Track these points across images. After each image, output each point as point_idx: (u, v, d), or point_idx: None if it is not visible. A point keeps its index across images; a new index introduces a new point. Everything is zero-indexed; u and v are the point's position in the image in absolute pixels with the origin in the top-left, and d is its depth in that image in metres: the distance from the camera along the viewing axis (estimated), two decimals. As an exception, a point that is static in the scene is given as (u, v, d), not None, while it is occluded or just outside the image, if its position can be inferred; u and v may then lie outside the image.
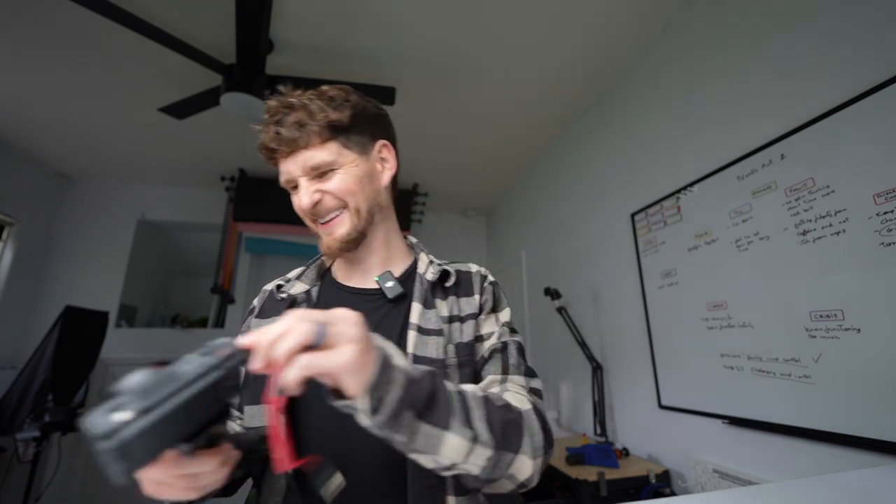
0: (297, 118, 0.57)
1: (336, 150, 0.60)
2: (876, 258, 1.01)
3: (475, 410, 0.45)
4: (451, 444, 0.41)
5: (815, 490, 0.59)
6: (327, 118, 0.58)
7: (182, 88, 2.11)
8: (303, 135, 0.58)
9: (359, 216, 0.62)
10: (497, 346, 0.61)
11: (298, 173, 0.60)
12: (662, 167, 1.80)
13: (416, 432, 0.40)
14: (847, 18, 1.13)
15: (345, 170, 0.60)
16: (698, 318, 1.54)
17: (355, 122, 0.61)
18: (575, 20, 1.80)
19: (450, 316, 0.62)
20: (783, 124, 1.27)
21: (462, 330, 0.61)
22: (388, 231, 0.68)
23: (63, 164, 3.05)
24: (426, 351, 0.56)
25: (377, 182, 0.65)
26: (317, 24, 1.81)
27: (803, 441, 1.17)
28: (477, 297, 0.64)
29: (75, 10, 1.57)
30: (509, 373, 0.58)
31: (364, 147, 0.63)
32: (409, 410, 0.39)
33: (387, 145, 0.67)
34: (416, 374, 0.41)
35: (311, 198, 0.59)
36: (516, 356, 0.60)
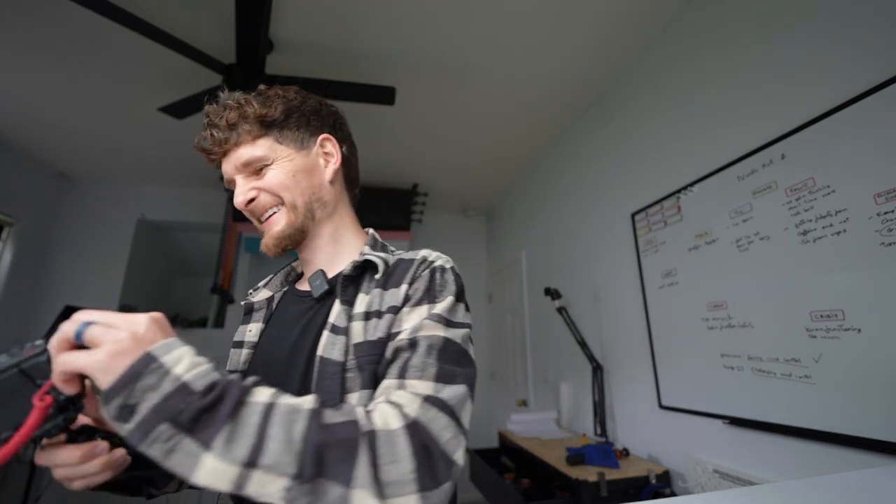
0: (229, 118, 0.58)
1: (268, 146, 0.59)
2: (876, 258, 1.01)
3: (274, 428, 0.35)
4: (208, 467, 0.32)
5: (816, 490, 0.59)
6: (256, 114, 0.58)
7: (182, 88, 2.11)
8: (233, 134, 0.58)
9: (295, 212, 0.60)
10: (403, 343, 0.48)
11: (234, 172, 0.60)
12: (662, 167, 1.80)
13: (174, 450, 0.33)
14: (847, 18, 1.13)
15: (278, 164, 0.60)
16: (698, 318, 1.54)
17: (289, 116, 0.61)
18: (575, 20, 1.80)
19: (366, 312, 0.54)
20: (783, 124, 1.27)
21: (376, 326, 0.52)
22: (336, 228, 0.65)
23: (63, 164, 3.05)
24: (332, 353, 0.50)
25: (318, 177, 0.63)
26: (317, 24, 1.81)
27: (804, 441, 1.16)
28: (404, 288, 0.54)
29: (75, 10, 1.57)
30: (406, 376, 0.45)
31: (302, 142, 0.62)
32: (168, 423, 0.32)
33: (329, 139, 0.65)
34: (198, 385, 0.35)
35: (245, 195, 0.59)
36: (424, 356, 0.47)
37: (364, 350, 0.51)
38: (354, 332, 0.52)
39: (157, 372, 0.34)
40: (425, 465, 0.37)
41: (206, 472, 0.33)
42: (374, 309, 0.54)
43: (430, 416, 0.41)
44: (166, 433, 0.32)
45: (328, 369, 0.50)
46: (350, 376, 0.49)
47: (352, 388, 0.49)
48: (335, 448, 0.36)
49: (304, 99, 0.64)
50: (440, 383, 0.45)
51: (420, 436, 0.39)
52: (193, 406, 0.34)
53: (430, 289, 0.54)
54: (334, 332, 0.52)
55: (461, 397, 0.45)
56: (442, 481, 0.38)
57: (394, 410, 0.41)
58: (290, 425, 0.36)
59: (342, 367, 0.50)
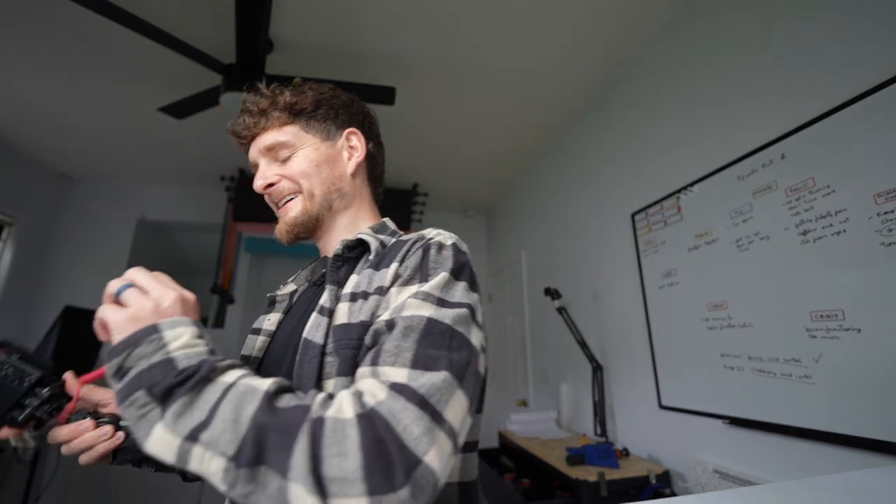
0: (261, 105, 0.61)
1: (293, 133, 0.61)
2: (877, 258, 1.01)
3: (225, 406, 0.34)
4: (157, 435, 0.34)
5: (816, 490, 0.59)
6: (287, 100, 0.60)
7: (182, 88, 2.11)
8: (262, 119, 0.61)
9: (312, 200, 0.61)
10: (381, 326, 0.43)
11: (258, 155, 0.62)
12: (662, 167, 1.80)
13: (143, 417, 0.35)
14: (847, 18, 1.13)
15: (302, 152, 0.61)
16: (698, 318, 1.54)
17: (319, 107, 0.62)
18: (575, 21, 1.80)
19: (353, 293, 0.50)
20: (783, 124, 1.27)
21: (361, 309, 0.48)
22: (353, 220, 0.65)
23: (63, 164, 3.05)
24: (315, 335, 0.48)
25: (339, 168, 0.64)
26: (317, 24, 1.81)
27: (804, 441, 1.16)
28: (394, 266, 0.49)
29: (76, 10, 1.57)
30: (379, 363, 0.39)
31: (328, 133, 0.63)
32: (143, 391, 0.35)
33: (355, 132, 0.66)
34: (183, 363, 0.36)
35: (264, 179, 0.61)
36: (399, 339, 0.41)
37: (341, 333, 0.47)
38: (338, 313, 0.49)
39: (153, 343, 0.38)
40: (377, 464, 0.31)
41: (154, 440, 0.34)
42: (360, 290, 0.50)
43: (393, 408, 0.35)
44: (141, 400, 0.35)
45: (308, 352, 0.47)
46: (329, 360, 0.46)
47: (329, 374, 0.46)
48: (274, 432, 0.32)
49: (337, 94, 0.65)
50: (416, 370, 0.38)
51: (375, 429, 0.33)
52: (168, 380, 0.35)
53: (422, 266, 0.48)
54: (320, 312, 0.50)
55: (440, 385, 0.37)
56: (398, 486, 0.31)
57: (352, 398, 0.36)
58: (241, 405, 0.34)
59: (321, 350, 0.47)
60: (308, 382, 0.45)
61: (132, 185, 3.38)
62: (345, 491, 0.30)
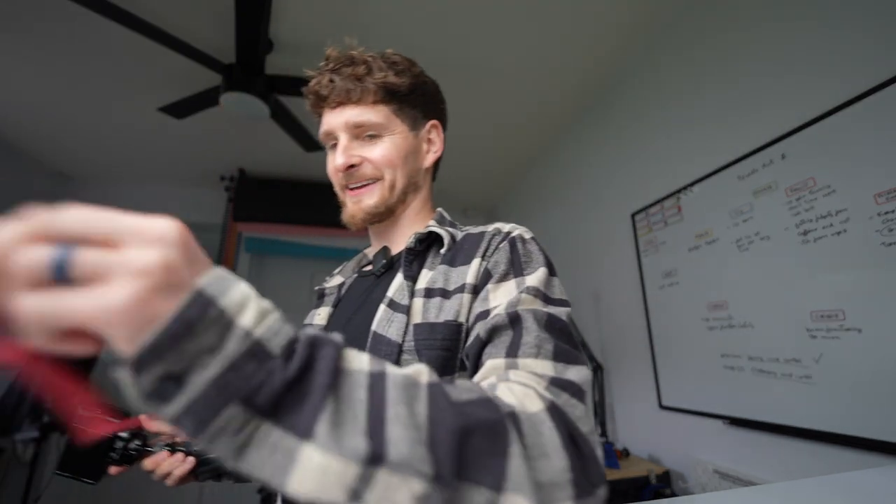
0: (355, 71, 0.55)
1: (386, 115, 0.56)
2: (877, 258, 1.01)
3: (395, 407, 0.24)
4: (312, 464, 0.21)
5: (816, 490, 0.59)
6: (386, 78, 0.55)
7: (182, 88, 2.11)
8: (357, 88, 0.54)
9: (392, 192, 0.58)
10: (501, 321, 0.40)
11: (341, 128, 0.56)
12: (662, 167, 1.80)
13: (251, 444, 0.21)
14: (847, 18, 1.13)
15: (391, 139, 0.57)
16: (699, 318, 1.54)
17: (412, 92, 0.58)
18: (575, 20, 1.80)
19: (428, 289, 0.49)
20: (783, 124, 1.27)
21: (441, 307, 0.46)
22: (418, 213, 0.63)
23: (63, 164, 3.05)
24: (388, 330, 0.47)
25: (419, 161, 0.62)
26: (317, 24, 1.81)
27: (804, 441, 1.16)
28: (476, 262, 0.48)
29: (75, 9, 1.57)
30: (518, 355, 0.36)
31: (415, 122, 0.60)
32: (238, 404, 0.20)
33: (437, 126, 0.64)
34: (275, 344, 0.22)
35: (347, 158, 0.56)
36: (536, 332, 0.38)
37: (423, 332, 0.45)
38: (415, 310, 0.48)
39: (217, 323, 0.21)
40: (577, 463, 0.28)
41: (309, 473, 0.20)
42: (437, 286, 0.49)
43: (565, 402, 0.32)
44: (238, 419, 0.20)
45: (381, 348, 0.46)
46: (406, 359, 0.45)
47: None
48: (479, 435, 0.25)
49: (426, 80, 0.62)
50: (560, 363, 0.36)
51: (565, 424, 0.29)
52: (277, 378, 0.21)
53: (513, 261, 0.46)
54: (392, 307, 0.49)
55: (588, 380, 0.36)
56: (596, 485, 0.28)
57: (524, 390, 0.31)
58: (411, 403, 0.25)
59: (399, 348, 0.45)
60: None
61: (132, 185, 3.38)
62: (554, 496, 0.26)
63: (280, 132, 2.42)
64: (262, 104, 1.89)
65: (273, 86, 1.91)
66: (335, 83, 0.55)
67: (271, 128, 2.40)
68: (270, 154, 2.98)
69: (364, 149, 0.57)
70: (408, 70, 0.58)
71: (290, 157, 2.91)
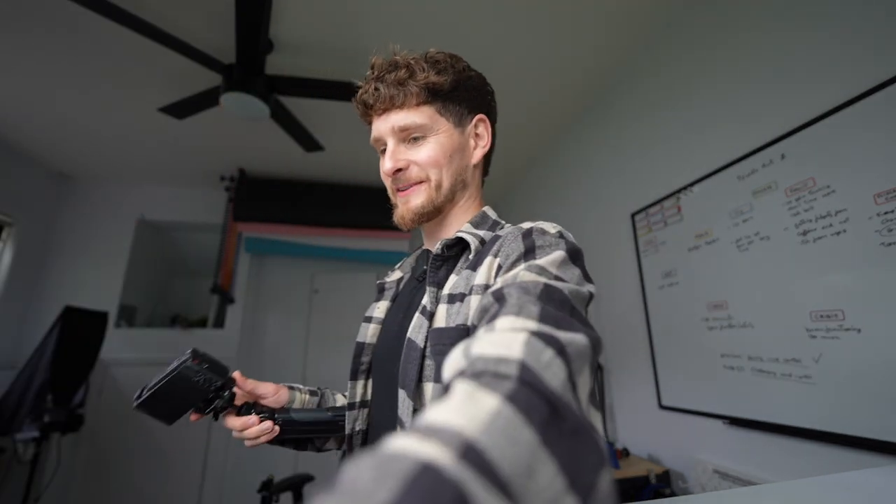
0: (398, 76, 0.56)
1: (430, 115, 0.57)
2: (876, 258, 1.01)
3: None
4: None
5: (816, 490, 0.59)
6: (427, 79, 0.55)
7: (182, 88, 2.11)
8: (400, 93, 0.56)
9: (438, 191, 0.58)
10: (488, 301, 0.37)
11: (388, 133, 0.58)
12: (662, 167, 1.80)
13: None
14: (847, 18, 1.13)
15: (435, 139, 0.57)
16: (699, 318, 1.54)
17: (455, 88, 0.58)
18: (575, 20, 1.80)
19: (451, 294, 0.50)
20: (783, 124, 1.27)
21: (458, 311, 0.48)
22: (466, 210, 0.63)
23: (63, 164, 3.05)
24: (417, 336, 0.49)
25: (466, 158, 0.61)
26: (317, 23, 1.81)
27: (804, 441, 1.16)
28: (487, 262, 0.48)
29: (75, 9, 1.57)
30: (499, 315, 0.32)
31: (460, 118, 0.60)
32: None
33: (484, 120, 0.63)
34: None
35: (394, 163, 0.57)
36: (519, 295, 0.34)
37: (437, 337, 0.47)
38: (437, 316, 0.50)
39: None
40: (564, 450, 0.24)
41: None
42: (458, 291, 0.50)
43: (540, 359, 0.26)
44: None
45: (411, 353, 0.49)
46: (428, 363, 0.47)
47: (428, 378, 0.47)
48: None
49: (470, 74, 0.61)
50: (546, 324, 0.30)
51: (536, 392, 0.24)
52: None
53: (525, 248, 0.44)
54: (423, 313, 0.51)
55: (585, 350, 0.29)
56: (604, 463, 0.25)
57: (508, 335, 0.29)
58: None
59: (421, 353, 0.48)
60: (411, 383, 0.47)
61: (132, 185, 3.38)
62: None
63: (280, 132, 2.42)
64: (262, 104, 1.89)
65: (273, 86, 1.91)
66: (380, 90, 0.56)
67: (271, 128, 2.40)
68: (270, 154, 2.98)
69: (410, 151, 0.58)
70: (450, 67, 0.58)
71: (290, 157, 2.91)
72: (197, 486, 2.95)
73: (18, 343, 2.80)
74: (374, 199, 3.47)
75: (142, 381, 0.55)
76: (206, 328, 3.39)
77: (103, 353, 2.66)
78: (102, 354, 2.67)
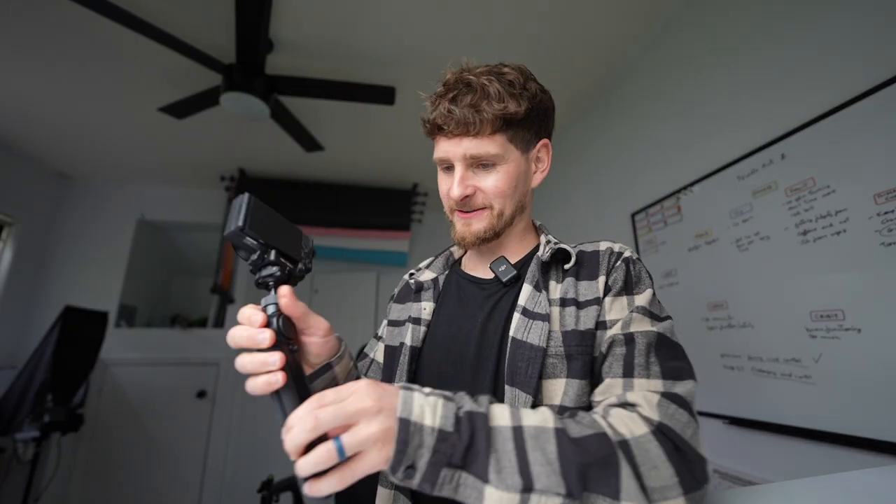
0: (473, 100, 0.55)
1: (502, 144, 0.57)
2: (876, 258, 1.01)
3: (533, 452, 0.37)
4: (492, 498, 0.36)
5: (816, 490, 0.59)
6: (505, 109, 0.55)
7: (182, 88, 2.11)
8: (476, 120, 0.55)
9: (500, 219, 0.60)
10: (618, 337, 0.49)
11: (458, 159, 0.58)
12: (662, 167, 1.80)
13: (460, 484, 0.37)
14: (847, 18, 1.13)
15: (504, 168, 0.58)
16: (698, 318, 1.54)
17: (528, 116, 0.58)
18: (575, 20, 1.80)
19: (562, 299, 0.55)
20: (783, 124, 1.27)
21: (578, 317, 0.53)
22: (524, 230, 0.67)
23: (63, 164, 3.05)
24: (529, 336, 0.52)
25: (528, 183, 0.63)
26: (317, 23, 1.81)
27: (804, 441, 1.16)
28: (602, 279, 0.55)
29: (75, 9, 1.57)
30: (634, 375, 0.46)
31: (527, 145, 0.61)
32: (447, 468, 0.36)
33: (547, 145, 0.64)
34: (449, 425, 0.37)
35: (463, 190, 0.58)
36: (645, 353, 0.47)
37: (576, 339, 0.52)
38: (564, 319, 0.53)
39: (417, 433, 0.37)
40: (683, 467, 0.38)
41: (493, 501, 0.35)
42: (569, 296, 0.55)
43: (670, 415, 0.42)
44: (449, 475, 0.36)
45: (524, 352, 0.51)
46: (552, 362, 0.51)
47: (553, 374, 0.51)
48: (596, 466, 0.37)
49: (542, 96, 0.61)
50: (668, 380, 0.45)
51: (669, 437, 0.40)
52: (460, 446, 0.37)
53: (627, 280, 0.54)
54: (526, 315, 0.54)
55: (693, 392, 0.45)
56: (702, 481, 0.39)
57: (632, 415, 0.42)
58: (544, 447, 0.38)
59: (543, 352, 0.51)
60: (529, 380, 0.50)
61: (132, 185, 3.38)
62: (665, 496, 0.37)
63: (280, 132, 2.42)
64: (262, 104, 1.89)
65: (273, 86, 1.91)
66: (454, 114, 0.55)
67: (271, 128, 2.40)
68: (270, 154, 2.98)
69: (478, 178, 0.59)
70: (525, 91, 0.58)
71: (290, 157, 2.91)
72: (197, 486, 2.95)
73: (18, 343, 2.80)
74: (374, 199, 3.47)
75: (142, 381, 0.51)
76: (206, 328, 3.39)
77: (103, 353, 2.66)
78: (102, 354, 2.67)
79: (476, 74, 0.57)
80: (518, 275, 0.61)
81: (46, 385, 2.20)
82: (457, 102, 0.55)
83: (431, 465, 0.36)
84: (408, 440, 0.36)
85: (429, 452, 0.36)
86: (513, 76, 0.58)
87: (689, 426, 0.41)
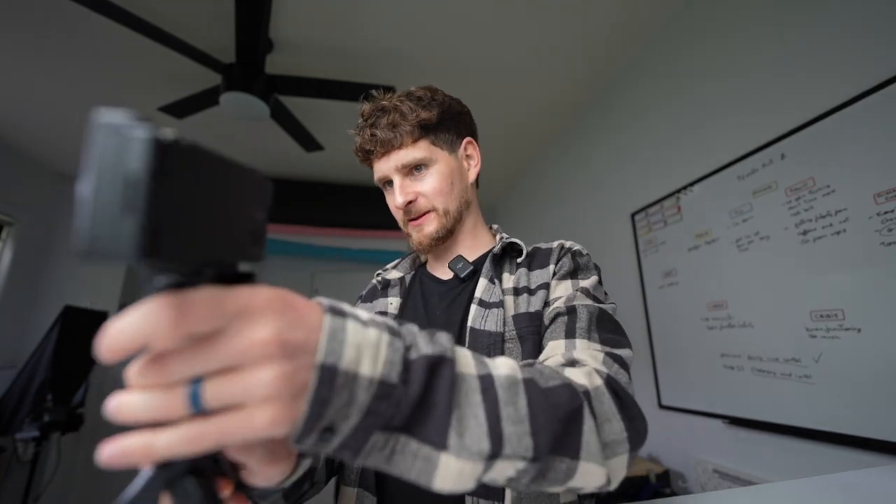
0: (390, 119, 0.61)
1: (426, 148, 0.62)
2: (876, 258, 1.01)
3: (506, 408, 0.29)
4: (448, 469, 0.26)
5: (816, 490, 0.59)
6: (418, 117, 0.61)
7: (182, 88, 2.11)
8: (396, 135, 0.61)
9: (447, 217, 0.64)
10: (561, 309, 0.52)
11: (392, 172, 0.63)
12: (662, 167, 1.80)
13: (395, 451, 0.26)
14: (847, 18, 1.13)
15: (436, 169, 0.63)
16: (698, 318, 1.54)
17: (442, 119, 0.64)
18: (575, 20, 1.80)
19: (515, 288, 0.59)
20: (783, 124, 1.27)
21: (529, 301, 0.57)
22: (474, 225, 0.70)
23: (63, 164, 3.05)
24: (486, 324, 0.55)
25: (465, 179, 0.68)
26: (317, 23, 1.81)
27: (804, 441, 1.16)
28: (551, 267, 0.60)
29: (75, 9, 1.57)
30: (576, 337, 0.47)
31: (452, 145, 0.66)
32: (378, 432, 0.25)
33: (472, 142, 0.69)
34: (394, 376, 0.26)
35: (405, 196, 0.63)
36: (587, 322, 0.49)
37: (525, 321, 0.55)
38: (507, 305, 0.57)
39: (345, 386, 0.24)
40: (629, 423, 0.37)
41: (449, 475, 0.27)
42: (522, 285, 0.59)
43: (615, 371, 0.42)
44: (381, 440, 0.26)
45: (483, 340, 0.54)
46: (509, 346, 0.54)
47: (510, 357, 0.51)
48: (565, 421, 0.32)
49: (451, 102, 0.67)
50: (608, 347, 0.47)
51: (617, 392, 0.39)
52: (403, 405, 0.26)
53: (574, 267, 0.59)
54: (482, 305, 0.57)
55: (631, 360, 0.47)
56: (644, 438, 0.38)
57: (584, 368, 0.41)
58: (515, 401, 0.30)
59: (501, 337, 0.54)
60: None
61: (132, 185, 3.38)
62: (615, 451, 0.35)
63: (280, 132, 2.42)
64: (262, 104, 1.88)
65: (273, 86, 1.91)
66: (377, 136, 0.61)
67: (271, 128, 2.40)
68: (270, 154, 2.98)
69: (416, 183, 0.63)
70: (432, 100, 0.63)
71: (290, 157, 2.91)
72: (197, 486, 2.95)
73: (18, 343, 2.80)
74: (374, 199, 3.47)
75: None
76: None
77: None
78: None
79: (388, 100, 0.63)
80: (475, 270, 0.64)
81: (46, 385, 2.20)
82: (377, 126, 0.61)
83: (359, 429, 0.25)
84: (329, 398, 0.23)
85: (359, 414, 0.24)
86: (420, 93, 0.64)
87: (629, 386, 0.42)
